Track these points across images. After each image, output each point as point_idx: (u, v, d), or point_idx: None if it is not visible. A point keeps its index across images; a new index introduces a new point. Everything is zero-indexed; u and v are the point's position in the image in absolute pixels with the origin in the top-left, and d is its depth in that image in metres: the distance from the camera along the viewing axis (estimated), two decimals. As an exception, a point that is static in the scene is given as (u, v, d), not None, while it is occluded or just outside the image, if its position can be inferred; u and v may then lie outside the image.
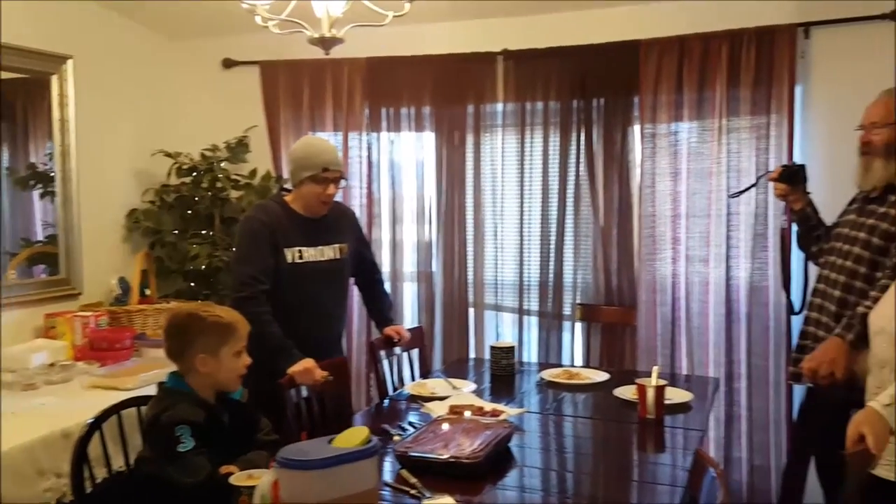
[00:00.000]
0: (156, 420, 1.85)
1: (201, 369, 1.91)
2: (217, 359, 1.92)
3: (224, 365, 1.94)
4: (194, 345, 1.91)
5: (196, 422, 1.83)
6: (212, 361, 1.92)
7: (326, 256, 2.75)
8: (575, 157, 3.63)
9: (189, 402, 1.88)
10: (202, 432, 1.83)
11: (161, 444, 1.82)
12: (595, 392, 2.81)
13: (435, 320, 3.92)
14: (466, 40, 3.73)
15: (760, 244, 3.29)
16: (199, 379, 1.93)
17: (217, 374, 1.94)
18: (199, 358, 1.91)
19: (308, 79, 3.94)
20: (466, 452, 1.95)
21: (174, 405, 1.85)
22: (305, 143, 2.80)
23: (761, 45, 3.23)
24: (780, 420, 3.30)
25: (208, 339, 1.92)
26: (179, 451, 1.78)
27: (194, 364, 1.91)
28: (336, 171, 2.67)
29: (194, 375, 1.93)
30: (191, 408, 1.86)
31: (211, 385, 1.95)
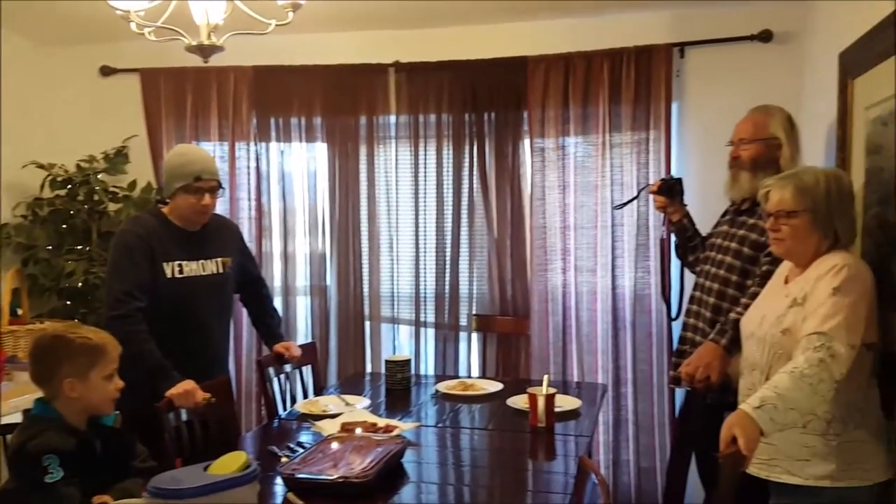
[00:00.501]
0: (21, 449, 1.73)
1: (70, 394, 1.80)
2: (86, 383, 1.82)
3: (94, 389, 1.83)
4: (61, 369, 1.80)
5: (65, 450, 1.72)
6: (81, 386, 1.81)
7: (208, 271, 2.65)
8: (468, 170, 3.67)
9: (57, 430, 1.76)
10: (72, 461, 1.72)
11: (27, 474, 1.70)
12: (490, 402, 2.83)
13: (330, 334, 3.85)
14: (358, 51, 3.70)
15: (643, 254, 3.42)
16: (67, 404, 1.81)
17: (87, 399, 1.83)
18: (67, 382, 1.80)
19: (192, 87, 3.80)
20: (356, 471, 1.91)
21: (41, 433, 1.74)
22: (177, 152, 2.69)
23: (640, 63, 3.37)
24: (664, 422, 3.44)
25: (76, 362, 1.81)
26: (47, 482, 1.67)
27: (62, 389, 1.80)
28: (211, 181, 2.57)
29: (63, 401, 1.81)
30: (59, 435, 1.74)
31: (81, 410, 1.84)
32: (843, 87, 2.36)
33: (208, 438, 2.45)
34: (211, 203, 2.59)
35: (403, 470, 2.12)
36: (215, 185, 2.60)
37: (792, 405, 1.69)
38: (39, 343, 1.87)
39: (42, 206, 3.71)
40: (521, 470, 2.28)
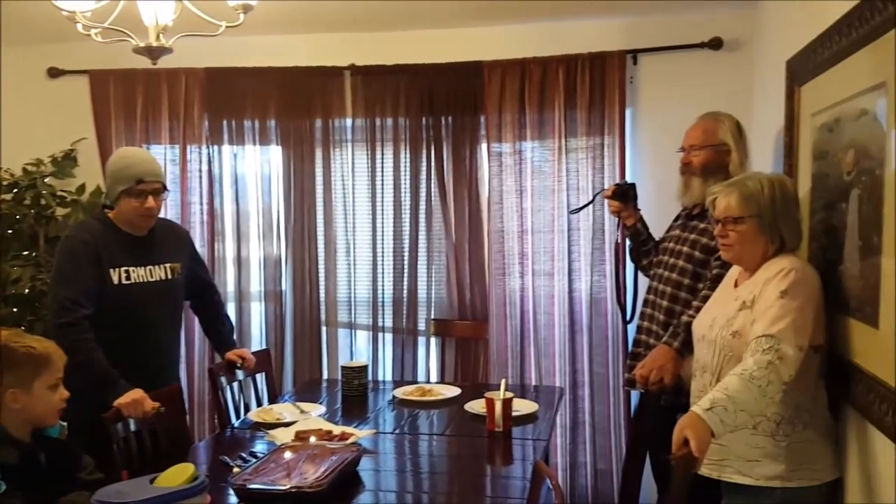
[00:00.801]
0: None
1: (12, 406, 1.73)
2: (30, 393, 1.75)
3: (38, 400, 1.77)
4: (3, 379, 1.73)
5: (7, 463, 1.65)
6: (24, 397, 1.74)
7: (156, 277, 2.59)
8: (426, 174, 3.66)
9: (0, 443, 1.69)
10: (15, 475, 1.65)
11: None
12: (447, 408, 2.82)
13: (285, 341, 3.80)
14: (313, 53, 3.67)
15: (599, 258, 3.46)
16: (10, 416, 1.74)
17: (31, 410, 1.77)
18: (10, 393, 1.73)
19: (142, 89, 3.72)
20: (310, 481, 1.88)
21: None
22: (119, 155, 2.63)
23: (594, 69, 3.41)
24: (619, 424, 3.47)
25: (19, 372, 1.74)
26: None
27: (4, 400, 1.73)
28: (153, 183, 2.51)
29: (5, 413, 1.74)
30: (1, 447, 1.68)
31: (25, 421, 1.77)
32: (791, 93, 2.41)
33: (158, 449, 2.39)
34: (155, 206, 2.53)
35: (359, 478, 2.10)
36: (158, 187, 2.54)
37: (742, 407, 1.71)
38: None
39: (-14, 210, 3.59)
40: (478, 476, 2.28)
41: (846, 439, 1.92)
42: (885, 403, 1.60)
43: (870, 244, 1.72)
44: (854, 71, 1.85)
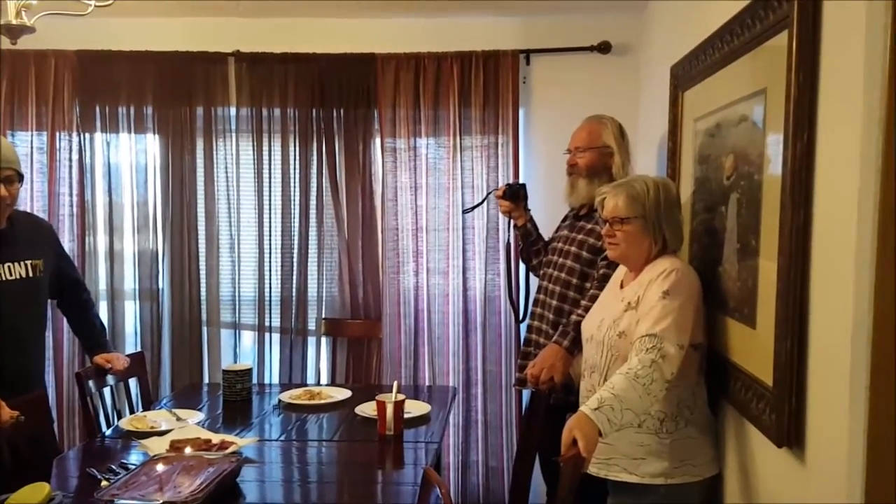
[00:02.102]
0: None
1: None
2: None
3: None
4: None
5: None
6: None
7: (15, 274, 2.37)
8: (317, 168, 3.54)
9: None
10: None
11: None
12: (337, 411, 2.74)
13: (163, 342, 3.59)
14: (195, 38, 3.48)
15: (493, 257, 3.46)
16: None
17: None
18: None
19: (7, 70, 3.40)
20: (184, 495, 1.76)
21: None
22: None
23: (488, 67, 3.40)
24: (511, 422, 3.49)
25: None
26: None
27: None
28: (6, 170, 2.30)
29: None
30: None
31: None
32: (675, 98, 2.48)
33: (20, 461, 2.18)
34: (7, 195, 2.31)
35: (239, 490, 1.99)
36: (11, 174, 2.33)
37: (628, 405, 1.73)
38: None
39: None
40: (369, 483, 2.21)
41: (725, 435, 1.99)
42: (762, 401, 1.66)
43: (748, 247, 1.78)
44: (735, 77, 1.91)
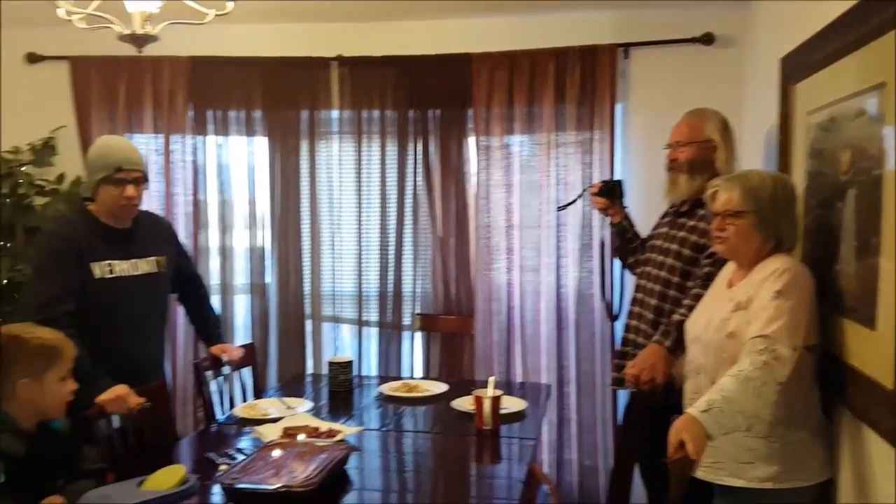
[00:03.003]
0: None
1: (23, 395, 1.75)
2: (41, 384, 1.78)
3: (48, 391, 1.80)
4: (15, 369, 1.75)
5: (14, 456, 1.66)
6: (35, 387, 1.77)
7: (141, 270, 2.54)
8: (412, 167, 3.61)
9: (9, 435, 1.70)
10: (19, 467, 1.65)
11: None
12: (434, 405, 2.79)
13: (270, 335, 3.75)
14: (300, 44, 3.60)
15: (586, 254, 3.43)
16: (19, 406, 1.76)
17: (40, 401, 1.79)
18: (22, 383, 1.75)
19: (125, 76, 3.63)
20: (299, 480, 1.84)
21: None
22: (97, 144, 2.59)
23: (585, 63, 3.37)
24: (606, 422, 3.46)
25: (32, 362, 1.77)
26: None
27: (15, 390, 1.75)
28: (133, 171, 2.45)
29: (14, 402, 1.76)
30: (10, 440, 1.69)
31: (33, 413, 1.79)
32: (785, 91, 2.40)
33: (143, 446, 2.34)
34: (135, 195, 2.47)
35: (347, 477, 2.06)
36: (139, 176, 2.48)
37: (738, 408, 1.71)
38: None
39: (-40, 199, 3.49)
40: (465, 475, 2.25)
41: (839, 440, 1.92)
42: (881, 406, 1.60)
43: (867, 245, 1.71)
44: (851, 70, 1.84)
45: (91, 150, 2.55)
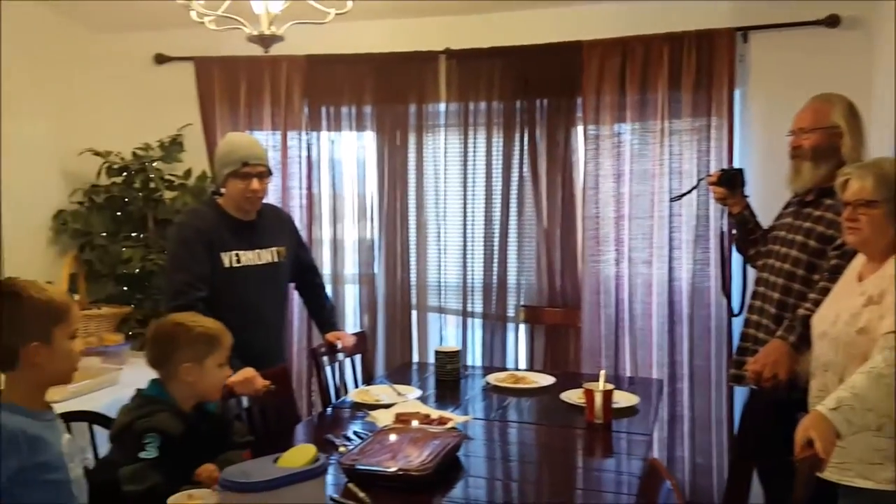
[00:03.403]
0: (130, 425, 1.80)
1: (186, 378, 1.89)
2: (202, 368, 1.90)
3: (208, 375, 1.92)
4: (180, 353, 1.89)
5: (172, 434, 1.79)
6: (197, 370, 1.89)
7: (264, 260, 2.67)
8: (518, 158, 3.61)
9: (170, 413, 1.84)
10: (175, 445, 1.78)
11: (128, 448, 1.78)
12: (541, 396, 2.78)
13: (377, 323, 3.85)
14: (408, 38, 3.67)
15: (702, 246, 3.33)
16: (181, 388, 1.90)
17: (200, 384, 1.92)
18: (185, 367, 1.89)
19: (245, 76, 3.82)
20: (415, 464, 1.89)
21: (153, 413, 1.82)
22: (226, 139, 2.74)
23: (701, 48, 3.27)
24: (721, 420, 3.35)
25: (195, 348, 1.90)
26: (140, 458, 1.74)
27: (178, 372, 1.88)
28: (258, 166, 2.59)
29: (176, 384, 1.90)
30: (170, 419, 1.83)
31: (192, 395, 1.92)
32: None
33: (267, 427, 2.46)
34: (260, 188, 2.60)
35: (459, 464, 2.10)
36: (263, 170, 2.61)
37: (869, 406, 1.63)
38: (160, 328, 1.96)
39: (99, 193, 3.76)
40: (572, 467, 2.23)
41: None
42: None
43: None
44: None
45: (219, 146, 2.70)
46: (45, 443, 1.56)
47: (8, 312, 1.55)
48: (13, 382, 1.59)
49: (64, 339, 1.60)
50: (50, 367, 1.58)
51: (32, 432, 1.54)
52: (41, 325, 1.56)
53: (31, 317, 1.55)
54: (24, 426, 1.53)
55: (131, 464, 1.74)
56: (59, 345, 1.59)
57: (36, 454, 1.53)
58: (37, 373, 1.58)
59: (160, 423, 1.79)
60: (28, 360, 1.55)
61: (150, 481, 1.71)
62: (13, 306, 1.55)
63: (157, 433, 1.77)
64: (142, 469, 1.73)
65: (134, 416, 1.82)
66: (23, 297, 1.56)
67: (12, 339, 1.54)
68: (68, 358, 1.63)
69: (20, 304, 1.55)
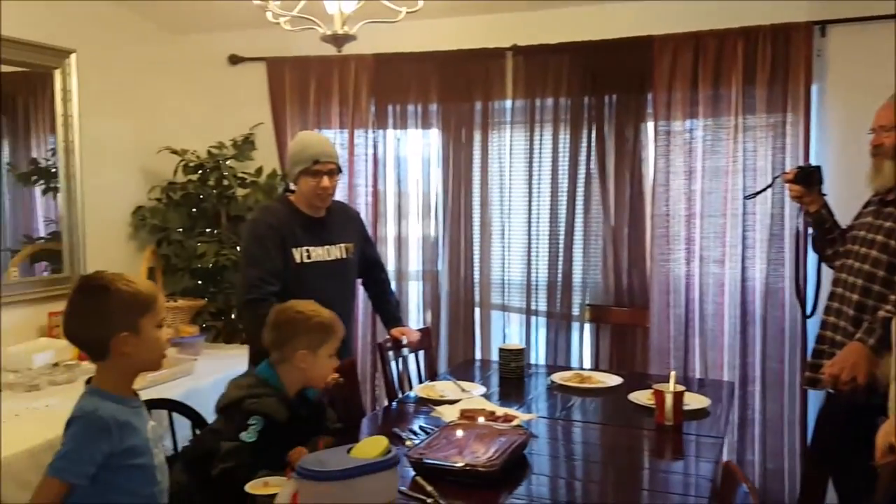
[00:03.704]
0: (240, 402, 1.90)
1: (299, 364, 1.99)
2: (315, 357, 2.00)
3: (319, 363, 2.01)
4: (297, 340, 1.98)
5: (275, 420, 1.88)
6: (310, 358, 1.99)
7: (333, 256, 2.72)
8: (585, 155, 3.57)
9: (277, 399, 1.93)
10: (276, 430, 1.87)
11: (233, 423, 1.88)
12: (608, 397, 2.75)
13: (440, 320, 3.87)
14: (475, 35, 3.68)
15: (776, 245, 3.24)
16: (292, 372, 1.99)
17: (310, 371, 2.01)
18: (300, 354, 1.97)
19: (315, 75, 3.90)
20: (482, 460, 1.90)
21: (264, 396, 1.91)
22: (298, 138, 2.80)
23: (777, 42, 3.18)
24: (794, 424, 3.26)
25: (311, 337, 1.99)
26: (240, 438, 1.83)
27: (293, 358, 1.98)
28: (328, 163, 2.64)
29: (289, 368, 2.00)
30: (277, 405, 1.91)
31: (300, 381, 2.01)
32: None
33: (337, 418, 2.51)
34: (330, 185, 2.65)
35: (526, 461, 2.09)
36: (333, 167, 2.67)
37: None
38: (282, 314, 2.05)
39: (175, 190, 3.89)
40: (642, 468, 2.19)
41: None
42: None
43: None
44: None
45: (291, 144, 2.77)
46: (133, 428, 1.63)
47: (97, 305, 1.61)
48: (104, 371, 1.65)
49: (151, 328, 1.65)
50: (138, 355, 1.63)
51: (122, 418, 1.61)
52: (129, 315, 1.61)
53: (119, 308, 1.60)
54: (115, 412, 1.60)
55: (231, 440, 1.83)
56: (147, 334, 1.63)
57: (125, 439, 1.60)
58: (126, 362, 1.63)
59: (267, 407, 1.88)
60: (118, 350, 1.60)
61: (240, 461, 1.79)
62: (102, 299, 1.60)
63: (261, 417, 1.85)
64: (238, 449, 1.82)
65: (244, 394, 1.91)
66: (111, 290, 1.61)
67: (102, 330, 1.59)
68: (156, 346, 1.67)
69: (108, 297, 1.60)
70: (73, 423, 1.57)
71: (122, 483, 1.61)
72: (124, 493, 1.62)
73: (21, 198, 3.39)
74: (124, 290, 1.62)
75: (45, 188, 3.45)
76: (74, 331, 1.64)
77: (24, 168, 3.38)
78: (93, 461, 1.54)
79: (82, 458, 1.53)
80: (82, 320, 1.62)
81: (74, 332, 1.65)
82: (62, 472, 1.53)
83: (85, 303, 1.63)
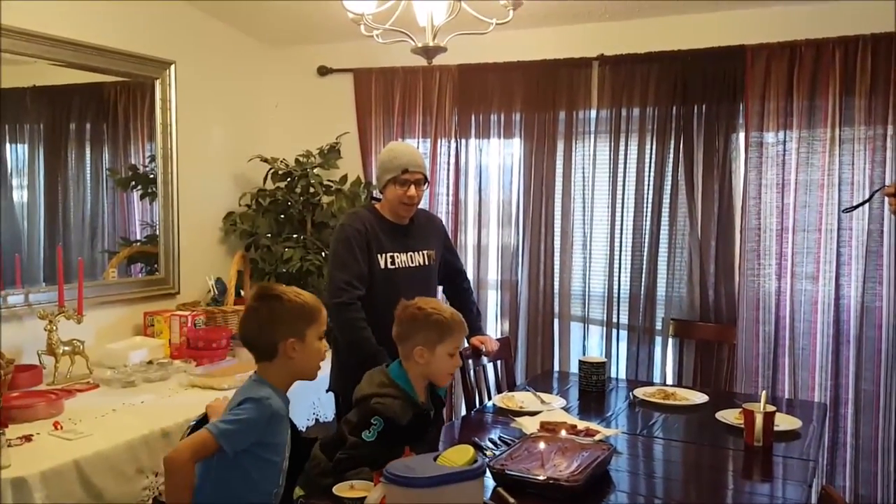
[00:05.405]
0: (368, 399, 1.97)
1: (418, 360, 2.03)
2: (432, 353, 2.03)
3: (437, 360, 2.04)
4: (415, 336, 2.04)
5: (398, 423, 1.94)
6: (427, 355, 2.03)
7: (415, 262, 2.76)
8: (672, 166, 3.50)
9: (405, 402, 1.99)
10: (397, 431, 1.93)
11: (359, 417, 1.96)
12: (693, 414, 2.69)
13: (518, 330, 3.85)
14: (561, 45, 3.66)
15: (874, 262, 3.09)
16: (414, 368, 2.06)
17: (428, 367, 2.05)
18: (418, 350, 2.03)
19: (400, 85, 3.96)
20: (565, 475, 1.88)
21: (389, 398, 1.97)
22: (388, 147, 2.85)
23: (878, 51, 3.05)
24: (888, 449, 3.11)
25: (428, 334, 2.03)
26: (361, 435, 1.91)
27: (413, 353, 2.04)
28: (417, 173, 2.69)
29: (412, 364, 2.05)
30: (402, 408, 1.97)
31: (423, 376, 2.07)
32: None
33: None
34: (416, 195, 2.70)
35: (609, 477, 2.06)
36: (420, 177, 2.71)
37: None
38: (405, 309, 2.11)
39: (264, 196, 4.01)
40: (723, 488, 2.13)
41: None
42: None
43: None
44: None
45: (382, 153, 2.82)
46: (284, 427, 1.79)
47: (270, 312, 1.80)
48: (267, 370, 1.82)
49: (314, 338, 1.83)
50: (301, 361, 1.82)
51: (283, 414, 1.77)
52: (298, 324, 1.80)
53: (289, 316, 1.79)
54: (281, 407, 1.76)
55: (355, 434, 1.92)
56: (311, 343, 1.82)
57: (275, 434, 1.76)
58: (290, 365, 1.81)
59: (390, 410, 1.94)
60: (285, 353, 1.79)
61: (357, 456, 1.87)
62: (275, 307, 1.79)
63: (383, 419, 1.92)
64: (358, 445, 1.90)
65: (373, 391, 1.99)
66: (283, 300, 1.80)
67: (274, 334, 1.78)
68: (317, 355, 1.86)
69: (281, 306, 1.79)
70: (246, 402, 1.72)
71: (253, 474, 1.73)
72: (249, 484, 1.73)
73: (119, 202, 3.55)
74: (295, 301, 1.81)
75: (142, 193, 3.60)
76: (250, 333, 1.83)
77: (124, 174, 3.54)
78: (248, 440, 1.69)
79: (245, 432, 1.68)
80: (258, 324, 1.80)
81: (249, 334, 1.83)
82: (224, 435, 1.66)
83: (261, 309, 1.82)
